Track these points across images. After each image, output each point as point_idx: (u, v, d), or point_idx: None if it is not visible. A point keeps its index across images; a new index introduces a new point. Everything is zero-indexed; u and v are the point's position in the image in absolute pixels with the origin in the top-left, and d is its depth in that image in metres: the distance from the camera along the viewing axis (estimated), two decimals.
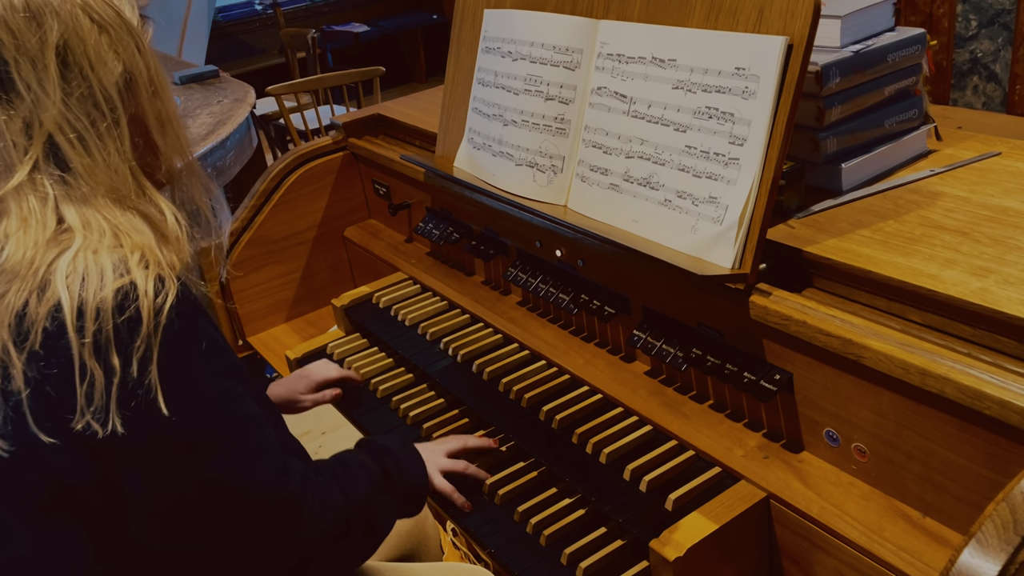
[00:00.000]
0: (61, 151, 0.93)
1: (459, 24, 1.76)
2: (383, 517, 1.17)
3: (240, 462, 0.98)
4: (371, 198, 2.20)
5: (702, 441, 1.27)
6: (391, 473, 1.21)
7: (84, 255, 0.91)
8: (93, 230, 0.93)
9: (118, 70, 0.96)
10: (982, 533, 0.80)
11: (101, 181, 0.95)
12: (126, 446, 0.90)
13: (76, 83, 0.93)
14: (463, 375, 1.57)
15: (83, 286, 0.88)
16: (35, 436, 0.89)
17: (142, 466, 0.93)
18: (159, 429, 0.91)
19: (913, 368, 0.99)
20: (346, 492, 1.13)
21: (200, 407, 0.95)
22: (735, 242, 1.19)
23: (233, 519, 0.99)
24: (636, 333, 1.39)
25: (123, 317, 0.88)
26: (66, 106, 0.92)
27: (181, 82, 3.70)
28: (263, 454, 1.01)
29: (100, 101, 0.94)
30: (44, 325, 0.87)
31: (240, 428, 0.99)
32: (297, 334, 2.13)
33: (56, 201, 0.93)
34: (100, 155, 0.95)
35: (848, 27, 1.33)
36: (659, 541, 1.11)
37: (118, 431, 0.88)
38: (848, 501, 1.12)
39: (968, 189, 1.27)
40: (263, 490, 1.00)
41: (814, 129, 1.32)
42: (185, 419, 0.93)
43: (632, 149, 1.35)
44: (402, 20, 7.62)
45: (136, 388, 0.89)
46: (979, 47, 4.26)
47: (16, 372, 0.87)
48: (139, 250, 0.93)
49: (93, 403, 0.87)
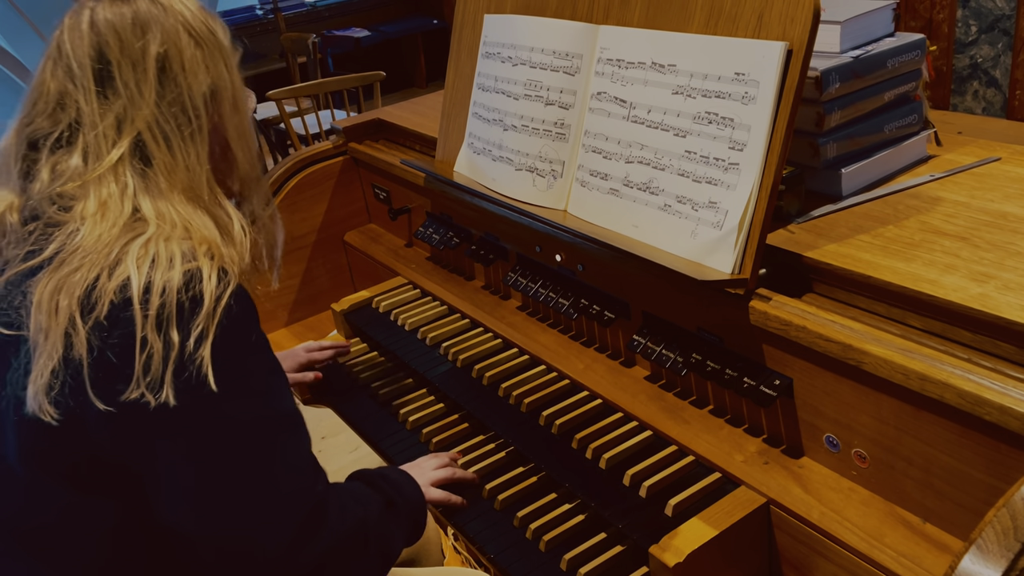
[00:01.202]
0: (147, 148, 1.01)
1: (459, 29, 1.76)
2: (394, 540, 1.18)
3: (274, 452, 1.01)
4: (371, 203, 2.20)
5: (702, 446, 1.27)
6: (393, 499, 1.22)
7: (156, 242, 0.97)
8: (166, 221, 1.00)
9: (207, 83, 1.05)
10: (982, 539, 0.80)
11: (179, 179, 1.02)
12: (173, 417, 0.94)
13: (169, 89, 1.02)
14: (463, 380, 1.57)
15: (152, 267, 0.94)
16: (88, 404, 0.92)
17: (183, 439, 0.96)
18: (207, 404, 0.95)
19: (913, 373, 0.99)
20: (365, 508, 1.15)
21: (246, 392, 0.98)
22: (735, 247, 1.19)
23: (258, 508, 1.00)
24: (636, 338, 1.39)
25: (187, 295, 0.94)
26: (158, 108, 1.01)
27: None
28: (298, 450, 1.04)
29: (188, 108, 1.03)
30: (111, 299, 0.92)
31: (280, 421, 1.02)
32: (297, 339, 2.12)
33: (135, 191, 1.00)
34: (181, 156, 1.03)
35: (848, 32, 1.33)
36: (659, 547, 1.11)
37: (170, 402, 0.92)
38: (848, 507, 1.12)
39: (968, 194, 1.27)
40: (291, 484, 1.02)
41: (814, 134, 1.32)
42: (231, 400, 0.96)
43: (632, 154, 1.35)
44: (403, 25, 7.63)
45: (191, 362, 0.93)
46: (979, 52, 4.27)
47: (79, 340, 0.92)
48: (206, 243, 1.00)
49: (150, 373, 0.92)
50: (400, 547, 1.20)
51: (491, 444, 1.47)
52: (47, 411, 0.93)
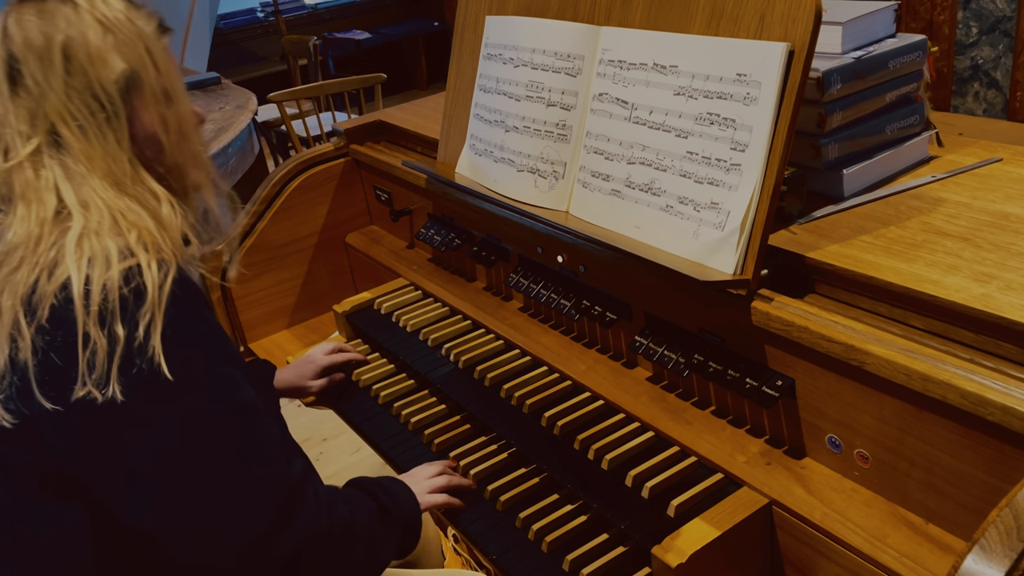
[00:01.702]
0: (62, 138, 1.01)
1: (461, 31, 1.76)
2: (385, 547, 1.18)
3: (237, 440, 1.00)
4: (372, 204, 2.20)
5: (704, 447, 1.27)
6: (387, 507, 1.22)
7: (89, 238, 0.96)
8: (92, 212, 0.99)
9: (120, 68, 1.03)
10: (985, 539, 0.80)
11: (99, 165, 1.02)
12: (124, 415, 0.93)
13: (77, 77, 1.01)
14: (464, 381, 1.57)
15: (91, 266, 0.94)
16: (37, 406, 0.92)
17: (139, 436, 0.95)
18: (159, 397, 0.94)
19: (915, 374, 0.99)
20: (353, 510, 1.14)
21: (202, 381, 0.98)
22: (737, 248, 1.19)
23: (224, 500, 0.99)
24: (638, 339, 1.39)
25: (129, 288, 0.94)
26: (67, 97, 1.00)
27: None
28: (261, 438, 1.03)
29: (99, 95, 1.01)
30: (52, 302, 0.93)
31: (239, 410, 1.01)
32: (298, 340, 2.13)
33: (55, 182, 1.00)
34: (99, 142, 1.02)
35: (849, 33, 1.33)
36: (661, 547, 1.11)
37: (117, 398, 0.91)
38: (851, 507, 1.12)
39: (970, 195, 1.27)
40: (258, 471, 1.02)
41: (815, 135, 1.32)
42: (185, 391, 0.96)
43: (634, 155, 1.35)
44: (404, 27, 7.64)
45: (139, 355, 0.93)
46: (980, 54, 4.27)
47: (24, 343, 0.92)
48: (136, 230, 0.99)
49: (95, 370, 0.92)
50: (391, 555, 1.19)
51: (493, 445, 1.47)
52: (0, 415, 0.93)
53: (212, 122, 3.18)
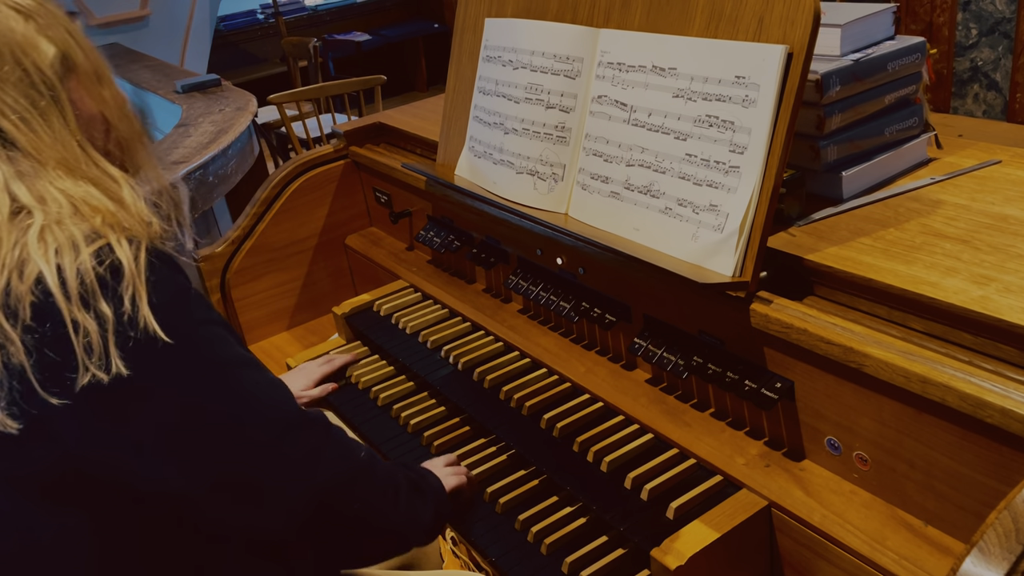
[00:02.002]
0: (5, 133, 0.98)
1: (460, 33, 1.77)
2: (423, 510, 1.20)
3: (252, 392, 1.01)
4: (372, 206, 2.20)
5: (703, 449, 1.27)
6: (415, 480, 1.23)
7: (51, 230, 0.94)
8: (49, 204, 0.96)
9: (51, 52, 1.00)
10: (984, 542, 0.80)
11: (49, 155, 0.99)
12: (133, 389, 0.93)
13: (9, 69, 0.98)
14: (464, 383, 1.57)
15: (59, 255, 0.92)
16: (45, 404, 0.91)
17: (153, 403, 0.95)
18: (162, 364, 0.94)
19: (914, 376, 0.99)
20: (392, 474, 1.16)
21: (199, 343, 0.98)
22: (736, 250, 1.19)
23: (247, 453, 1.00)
24: (637, 341, 1.39)
25: (104, 267, 0.92)
26: (3, 91, 0.97)
27: (183, 90, 3.71)
28: (273, 385, 1.04)
29: (37, 82, 0.99)
30: (31, 299, 0.91)
31: (243, 363, 1.02)
32: (298, 342, 2.13)
33: (5, 180, 0.97)
34: (44, 131, 0.99)
35: (848, 36, 1.33)
36: (660, 550, 1.11)
37: (122, 373, 0.91)
38: (850, 510, 1.12)
39: (969, 197, 1.27)
40: (283, 414, 1.03)
41: (814, 137, 1.32)
42: (185, 353, 0.95)
43: (632, 157, 1.35)
44: (403, 29, 7.65)
45: (132, 327, 0.92)
46: (979, 55, 4.27)
47: (14, 346, 0.90)
48: (99, 214, 0.97)
49: (93, 353, 0.91)
50: (430, 518, 1.21)
51: (492, 447, 1.47)
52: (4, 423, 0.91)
53: (212, 124, 3.18)
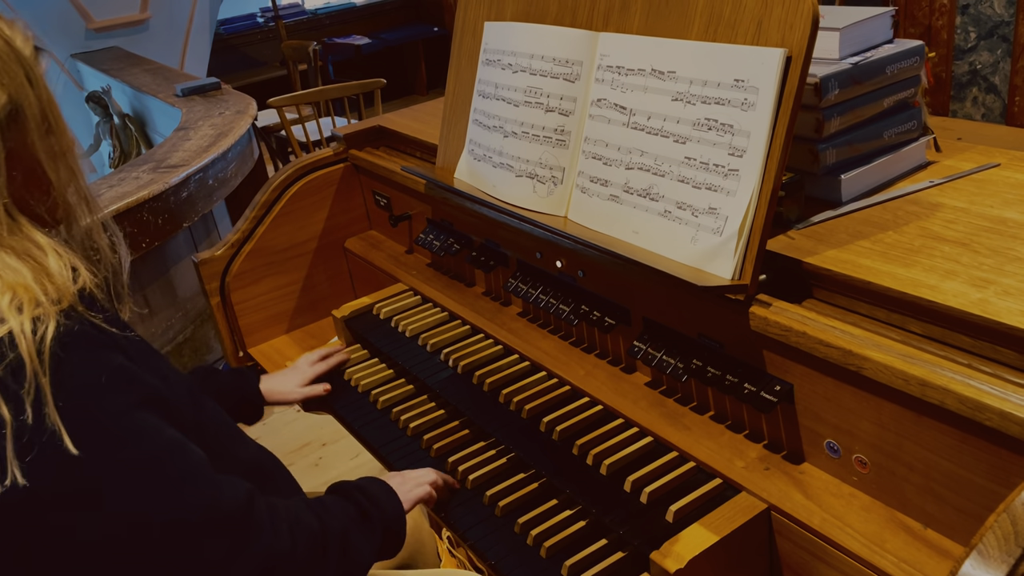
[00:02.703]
0: None
1: (460, 37, 1.77)
2: (361, 551, 1.14)
3: (165, 495, 0.93)
4: (372, 209, 2.20)
5: (703, 452, 1.27)
6: (366, 509, 1.19)
7: None
8: None
9: (1, 101, 0.90)
10: (983, 544, 0.80)
11: None
12: (35, 500, 0.86)
13: None
14: (463, 386, 1.57)
15: None
16: None
17: (58, 520, 0.88)
18: (67, 474, 0.87)
19: (913, 379, 0.99)
20: (321, 519, 1.10)
21: (109, 445, 0.90)
22: (735, 253, 1.19)
23: (172, 556, 0.94)
24: (636, 344, 1.39)
25: (3, 364, 0.84)
26: None
27: (183, 94, 3.72)
28: (189, 480, 0.96)
29: None
30: None
31: (158, 460, 0.93)
32: (298, 345, 2.13)
33: None
34: None
35: (847, 39, 1.34)
36: (660, 553, 1.11)
37: (19, 483, 0.83)
38: (849, 512, 1.12)
39: (968, 200, 1.27)
40: (197, 517, 0.95)
41: (813, 140, 1.33)
42: (95, 459, 0.88)
43: (632, 160, 1.35)
44: (403, 32, 7.66)
45: (36, 435, 0.84)
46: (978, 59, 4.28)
47: None
48: (10, 291, 0.87)
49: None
50: (370, 558, 1.16)
51: (492, 450, 1.47)
52: None
53: (212, 127, 3.18)
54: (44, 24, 5.00)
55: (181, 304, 2.91)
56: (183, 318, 2.89)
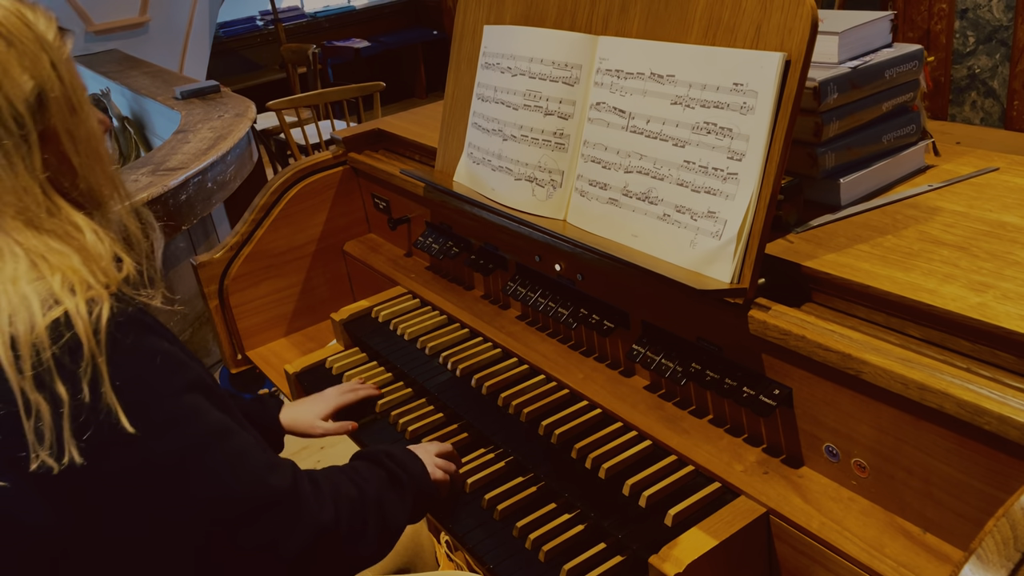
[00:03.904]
0: None
1: (459, 40, 1.77)
2: (397, 515, 1.18)
3: (217, 476, 0.96)
4: (371, 212, 2.20)
5: (701, 456, 1.26)
6: (396, 473, 1.22)
7: (4, 289, 0.87)
8: (6, 260, 0.89)
9: (28, 86, 0.91)
10: (982, 549, 0.80)
11: (8, 202, 0.90)
12: (91, 478, 0.87)
13: None
14: (462, 389, 1.57)
15: (11, 323, 0.85)
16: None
17: (114, 498, 0.90)
18: (124, 453, 0.88)
19: (912, 383, 0.99)
20: (360, 487, 1.14)
21: (164, 426, 0.91)
22: (734, 257, 1.19)
23: (224, 534, 0.97)
24: (635, 347, 1.39)
25: (61, 343, 0.85)
26: None
27: (182, 97, 3.72)
28: (241, 460, 0.98)
29: (7, 118, 0.90)
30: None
31: (209, 442, 0.96)
32: (296, 348, 2.12)
33: None
34: (6, 174, 0.90)
35: (846, 43, 1.34)
36: (659, 557, 1.11)
37: (76, 462, 0.85)
38: (848, 517, 1.12)
39: (966, 204, 1.28)
40: (248, 496, 0.98)
41: (812, 144, 1.33)
42: (150, 439, 0.89)
43: (631, 164, 1.35)
44: (402, 36, 7.66)
45: (92, 413, 0.85)
46: (977, 63, 4.28)
47: None
48: (60, 273, 0.89)
49: (44, 438, 0.84)
50: (405, 520, 1.20)
51: (490, 454, 1.46)
52: None
53: (211, 130, 3.18)
54: None
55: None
56: (181, 321, 2.89)
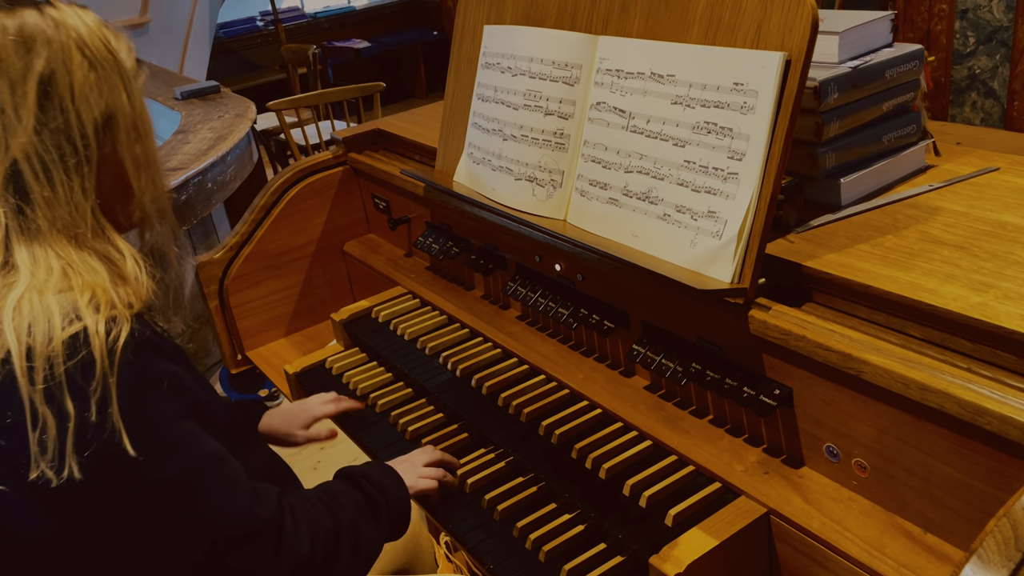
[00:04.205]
0: (24, 179, 0.91)
1: (459, 40, 1.77)
2: (371, 540, 1.18)
3: (205, 503, 0.97)
4: (371, 213, 2.20)
5: (702, 456, 1.26)
6: (373, 497, 1.21)
7: (29, 297, 0.88)
8: (40, 267, 0.90)
9: (100, 108, 0.94)
10: (983, 549, 0.80)
11: (59, 216, 0.92)
12: (86, 493, 0.88)
13: (53, 115, 0.91)
14: (462, 390, 1.57)
15: (31, 333, 0.86)
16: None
17: (105, 514, 0.91)
18: (121, 473, 0.89)
19: (913, 383, 0.99)
20: (335, 516, 1.13)
21: (164, 451, 0.93)
22: (734, 257, 1.19)
23: (206, 562, 0.98)
24: (635, 347, 1.39)
25: (75, 360, 0.86)
26: (38, 135, 0.90)
27: (182, 97, 3.72)
28: (228, 489, 1.00)
29: (75, 136, 0.92)
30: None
31: (201, 469, 0.97)
32: (296, 348, 2.12)
33: (7, 231, 0.91)
34: (63, 190, 0.92)
35: (846, 43, 1.34)
36: (659, 557, 1.11)
37: (75, 477, 0.86)
38: (849, 517, 1.12)
39: (967, 204, 1.27)
40: (233, 525, 0.99)
41: (813, 144, 1.32)
42: (150, 462, 0.91)
43: (631, 164, 1.35)
44: (402, 36, 7.66)
45: (97, 432, 0.87)
46: (977, 64, 4.28)
47: None
48: (89, 290, 0.90)
49: (47, 451, 0.85)
50: (380, 545, 1.20)
51: (490, 454, 1.46)
52: None
53: (211, 130, 3.18)
54: None
55: None
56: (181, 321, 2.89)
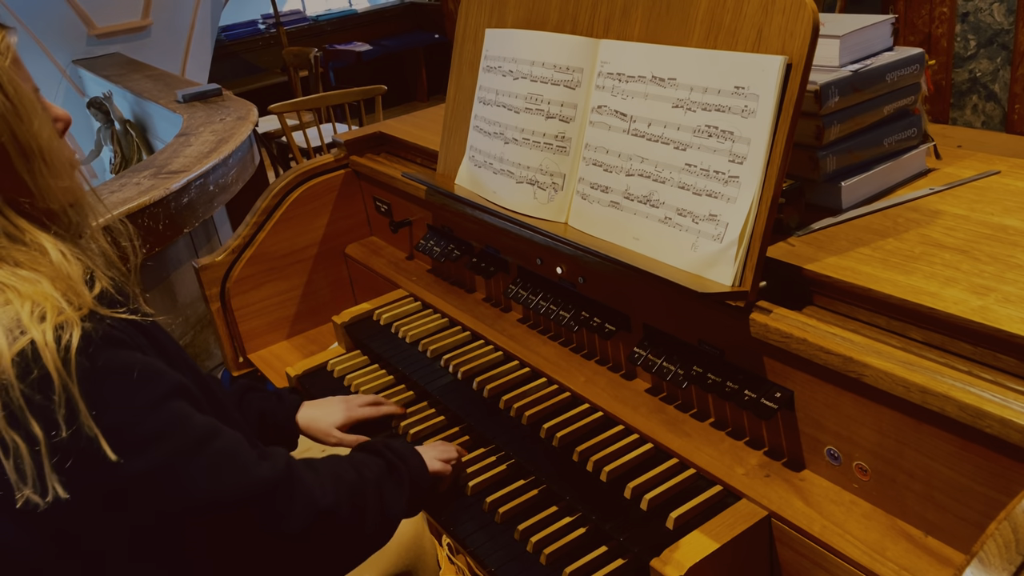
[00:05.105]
0: None
1: (461, 43, 1.77)
2: (395, 501, 1.19)
3: (209, 480, 0.95)
4: (372, 215, 2.20)
5: (703, 459, 1.26)
6: (395, 463, 1.24)
7: None
8: None
9: None
10: (984, 552, 0.80)
11: None
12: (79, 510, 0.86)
13: None
14: (464, 392, 1.57)
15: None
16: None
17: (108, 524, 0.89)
18: (109, 477, 0.87)
19: (914, 386, 0.99)
20: (360, 472, 1.16)
21: (147, 442, 0.90)
22: (735, 260, 1.19)
23: (224, 532, 0.98)
24: (637, 351, 1.39)
25: (29, 380, 0.82)
26: None
27: (184, 100, 3.73)
28: (231, 459, 0.98)
29: None
30: None
31: (196, 446, 0.95)
32: (298, 351, 2.13)
33: None
34: None
35: (847, 47, 1.34)
36: (660, 560, 1.11)
37: (60, 496, 0.83)
38: (850, 520, 1.12)
39: (968, 207, 1.28)
40: (238, 493, 0.98)
41: (813, 147, 1.33)
42: (136, 458, 0.88)
43: (632, 167, 1.35)
44: (404, 39, 7.67)
45: (72, 445, 0.83)
46: (978, 67, 4.29)
47: None
48: (29, 301, 0.85)
49: (26, 476, 0.82)
50: (403, 508, 1.21)
51: (492, 457, 1.46)
52: None
53: (213, 133, 3.19)
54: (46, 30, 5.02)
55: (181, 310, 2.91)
56: (183, 324, 2.89)
